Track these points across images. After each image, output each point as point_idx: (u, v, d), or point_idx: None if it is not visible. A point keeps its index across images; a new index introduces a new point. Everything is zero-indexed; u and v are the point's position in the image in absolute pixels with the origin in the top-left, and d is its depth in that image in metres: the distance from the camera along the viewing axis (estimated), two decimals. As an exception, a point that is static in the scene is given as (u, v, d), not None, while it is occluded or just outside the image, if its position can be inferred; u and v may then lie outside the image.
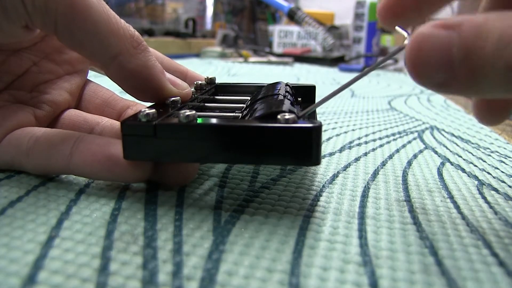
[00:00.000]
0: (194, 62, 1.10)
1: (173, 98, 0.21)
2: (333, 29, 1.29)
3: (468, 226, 0.18)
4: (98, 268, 0.14)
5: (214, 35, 1.53)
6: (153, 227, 0.17)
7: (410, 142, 0.33)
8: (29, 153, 0.20)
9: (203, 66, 0.98)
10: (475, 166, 0.27)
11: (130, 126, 0.18)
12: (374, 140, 0.33)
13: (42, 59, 0.24)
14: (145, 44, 0.20)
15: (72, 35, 0.18)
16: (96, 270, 0.14)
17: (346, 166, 0.26)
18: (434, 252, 0.16)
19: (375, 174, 0.24)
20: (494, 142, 0.34)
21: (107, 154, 0.19)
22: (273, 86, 0.25)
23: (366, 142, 0.32)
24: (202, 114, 0.22)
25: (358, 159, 0.27)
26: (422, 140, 0.34)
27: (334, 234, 0.17)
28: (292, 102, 0.21)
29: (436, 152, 0.30)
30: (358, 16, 1.18)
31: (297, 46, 1.39)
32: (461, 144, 0.33)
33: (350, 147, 0.30)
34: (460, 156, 0.29)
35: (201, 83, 0.26)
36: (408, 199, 0.21)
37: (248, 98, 0.26)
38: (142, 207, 0.18)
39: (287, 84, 0.26)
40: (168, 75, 0.21)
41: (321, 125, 0.16)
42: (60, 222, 0.17)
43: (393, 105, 0.52)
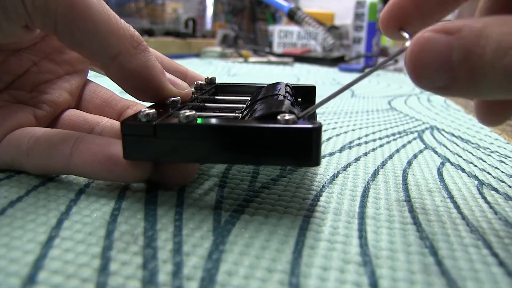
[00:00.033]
0: (194, 62, 1.10)
1: (173, 98, 0.21)
2: (333, 29, 1.29)
3: (468, 226, 0.18)
4: (98, 268, 0.14)
5: (214, 35, 1.53)
6: (153, 227, 0.17)
7: (410, 142, 0.33)
8: (29, 153, 0.20)
9: (203, 66, 0.98)
10: (475, 166, 0.27)
11: (130, 126, 0.18)
12: (374, 140, 0.33)
13: (42, 59, 0.24)
14: (145, 44, 0.20)
15: (72, 35, 0.18)
16: (96, 270, 0.14)
17: (346, 166, 0.26)
18: (434, 252, 0.16)
19: (375, 174, 0.24)
20: (494, 142, 0.34)
21: (107, 154, 0.19)
22: (273, 86, 0.25)
23: (366, 142, 0.32)
24: (202, 114, 0.22)
25: (358, 159, 0.27)
26: (422, 140, 0.34)
27: (334, 234, 0.17)
28: (292, 103, 0.21)
29: (436, 152, 0.30)
30: (358, 16, 1.18)
31: (297, 46, 1.39)
32: (461, 144, 0.33)
33: (350, 147, 0.30)
34: (460, 156, 0.29)
35: (201, 83, 0.26)
36: (408, 199, 0.21)
37: (248, 98, 0.26)
38: (142, 207, 0.18)
39: (287, 84, 0.26)
40: (168, 75, 0.21)
41: (321, 125, 0.16)
42: (60, 222, 0.17)
43: (393, 105, 0.52)
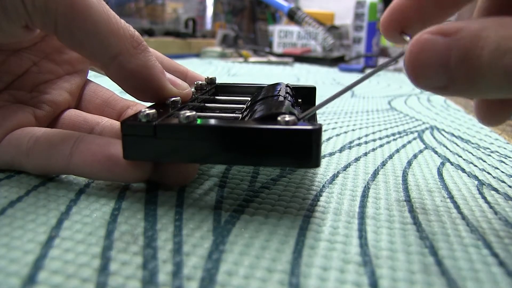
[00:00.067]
0: (194, 62, 1.10)
1: (173, 98, 0.21)
2: (333, 29, 1.29)
3: (468, 226, 0.18)
4: (98, 268, 0.14)
5: (214, 35, 1.53)
6: (153, 227, 0.17)
7: (410, 142, 0.33)
8: (29, 153, 0.20)
9: (203, 66, 0.98)
10: (475, 166, 0.27)
11: (130, 126, 0.18)
12: (374, 140, 0.33)
13: (42, 59, 0.24)
14: (145, 44, 0.20)
15: (72, 35, 0.18)
16: (96, 270, 0.14)
17: (346, 166, 0.26)
18: (434, 252, 0.16)
19: (375, 174, 0.24)
20: (494, 142, 0.34)
21: (107, 154, 0.19)
22: (273, 87, 0.25)
23: (366, 142, 0.32)
24: (202, 115, 0.22)
25: (358, 159, 0.27)
26: (422, 140, 0.34)
27: (334, 234, 0.17)
28: (292, 104, 0.21)
29: (436, 152, 0.30)
30: (358, 16, 1.18)
31: (297, 46, 1.39)
32: (461, 144, 0.33)
33: (350, 147, 0.30)
34: (460, 156, 0.29)
35: (201, 83, 0.26)
36: (408, 199, 0.21)
37: (248, 98, 0.26)
38: (142, 207, 0.18)
39: (288, 85, 0.26)
40: (168, 75, 0.21)
41: (321, 127, 0.16)
42: (60, 222, 0.17)
43: (393, 105, 0.52)
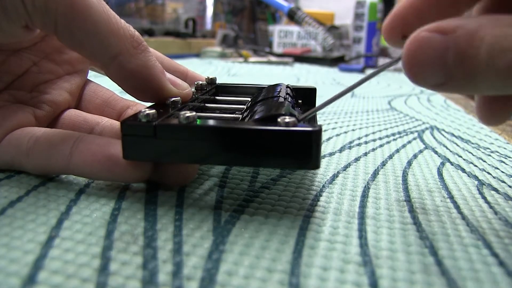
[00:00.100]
0: (194, 62, 1.10)
1: (173, 98, 0.21)
2: (333, 29, 1.29)
3: (468, 226, 0.18)
4: (98, 268, 0.14)
5: (214, 35, 1.53)
6: (153, 227, 0.17)
7: (410, 142, 0.33)
8: (29, 153, 0.20)
9: (203, 66, 0.98)
10: (475, 166, 0.27)
11: (130, 126, 0.18)
12: (374, 140, 0.33)
13: (42, 59, 0.24)
14: (145, 44, 0.20)
15: (72, 35, 0.18)
16: (96, 270, 0.14)
17: (346, 166, 0.26)
18: (434, 252, 0.16)
19: (375, 174, 0.24)
20: (494, 142, 0.34)
21: (107, 154, 0.19)
22: (273, 87, 0.25)
23: (366, 142, 0.32)
24: (202, 115, 0.22)
25: (358, 159, 0.27)
26: (422, 140, 0.34)
27: (334, 234, 0.17)
28: (292, 105, 0.21)
29: (436, 152, 0.30)
30: (358, 16, 1.18)
31: (297, 46, 1.39)
32: (461, 144, 0.33)
33: (350, 147, 0.30)
34: (460, 156, 0.29)
35: (201, 83, 0.26)
36: (408, 199, 0.21)
37: (248, 99, 0.26)
38: (142, 207, 0.18)
39: (288, 86, 0.26)
40: (168, 75, 0.21)
41: (321, 129, 0.16)
42: (60, 222, 0.17)
43: (393, 105, 0.52)
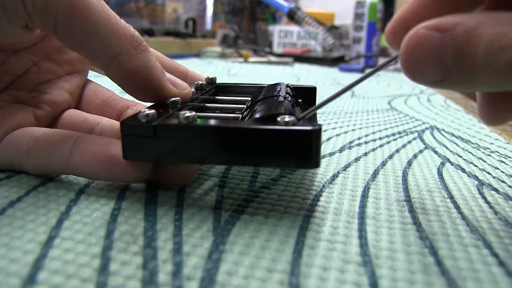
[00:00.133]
0: (194, 62, 1.10)
1: (173, 98, 0.21)
2: (333, 29, 1.29)
3: (468, 226, 0.18)
4: (98, 268, 0.14)
5: (214, 35, 1.53)
6: (153, 227, 0.17)
7: (410, 142, 0.33)
8: (29, 153, 0.20)
9: (203, 66, 0.98)
10: (475, 166, 0.27)
11: (130, 127, 0.18)
12: (374, 140, 0.33)
13: (42, 59, 0.24)
14: (145, 44, 0.20)
15: (72, 35, 0.18)
16: (96, 270, 0.14)
17: (346, 166, 0.26)
18: (434, 252, 0.16)
19: (375, 174, 0.24)
20: (494, 142, 0.34)
21: (107, 154, 0.19)
22: (273, 87, 0.25)
23: (366, 142, 0.32)
24: (202, 115, 0.22)
25: (358, 159, 0.27)
26: (422, 140, 0.34)
27: (334, 234, 0.17)
28: (292, 104, 0.21)
29: (436, 152, 0.30)
30: (358, 16, 1.18)
31: (297, 46, 1.39)
32: (461, 144, 0.33)
33: (350, 147, 0.30)
34: (460, 156, 0.29)
35: (201, 83, 0.26)
36: (408, 199, 0.21)
37: (248, 98, 0.26)
38: (142, 207, 0.18)
39: (288, 85, 0.26)
40: (168, 75, 0.21)
41: (320, 128, 0.16)
42: (60, 222, 0.17)
43: (393, 105, 0.52)
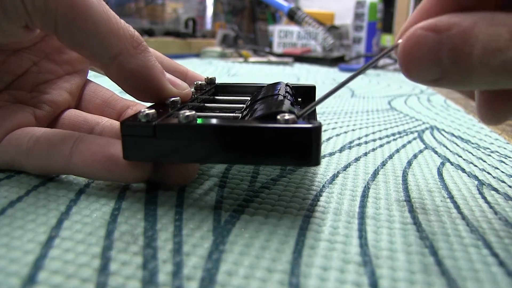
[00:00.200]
0: (194, 62, 1.10)
1: (173, 98, 0.21)
2: (333, 29, 1.29)
3: (468, 226, 0.18)
4: (98, 268, 0.14)
5: (214, 35, 1.53)
6: (153, 227, 0.17)
7: (410, 142, 0.33)
8: (29, 153, 0.20)
9: (203, 66, 0.98)
10: (475, 166, 0.27)
11: (130, 127, 0.18)
12: (374, 140, 0.33)
13: (42, 59, 0.24)
14: (145, 44, 0.20)
15: (72, 35, 0.18)
16: (96, 270, 0.14)
17: (346, 166, 0.26)
18: (434, 252, 0.16)
19: (375, 174, 0.24)
20: (494, 142, 0.34)
21: (107, 154, 0.19)
22: (273, 86, 0.25)
23: (366, 142, 0.32)
24: (202, 114, 0.22)
25: (358, 159, 0.27)
26: (422, 140, 0.34)
27: (334, 234, 0.17)
28: (292, 103, 0.21)
29: (436, 152, 0.30)
30: (358, 16, 1.18)
31: (297, 46, 1.39)
32: (461, 144, 0.33)
33: (350, 147, 0.30)
34: (460, 156, 0.29)
35: (201, 83, 0.26)
36: (408, 199, 0.21)
37: (248, 98, 0.26)
38: (142, 207, 0.18)
39: (287, 84, 0.26)
40: (168, 75, 0.21)
41: (320, 125, 0.16)
42: (60, 222, 0.17)
43: (393, 105, 0.52)
